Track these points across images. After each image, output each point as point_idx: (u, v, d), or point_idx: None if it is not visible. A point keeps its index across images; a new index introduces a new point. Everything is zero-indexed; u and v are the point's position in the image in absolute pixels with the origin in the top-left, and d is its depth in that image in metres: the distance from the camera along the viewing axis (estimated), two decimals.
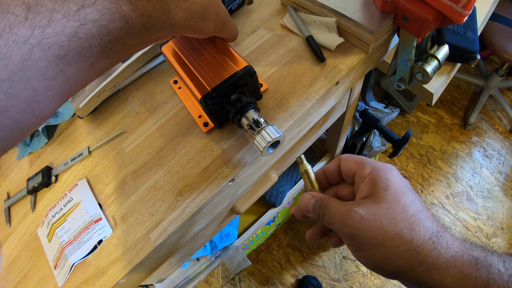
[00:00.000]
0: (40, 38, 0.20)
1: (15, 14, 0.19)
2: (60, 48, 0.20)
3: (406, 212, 0.26)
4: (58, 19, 0.20)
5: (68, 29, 0.20)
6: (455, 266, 0.24)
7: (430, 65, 0.46)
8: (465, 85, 1.68)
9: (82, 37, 0.21)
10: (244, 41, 0.50)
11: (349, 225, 0.26)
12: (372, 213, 0.26)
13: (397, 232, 0.25)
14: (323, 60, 0.45)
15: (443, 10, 0.37)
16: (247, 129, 0.35)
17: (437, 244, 0.25)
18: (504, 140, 1.49)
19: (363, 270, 1.29)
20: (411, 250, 0.24)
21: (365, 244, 0.26)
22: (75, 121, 0.52)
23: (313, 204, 0.30)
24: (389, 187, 0.27)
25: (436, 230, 0.25)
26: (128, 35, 0.24)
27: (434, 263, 0.24)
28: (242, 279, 1.35)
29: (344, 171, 0.31)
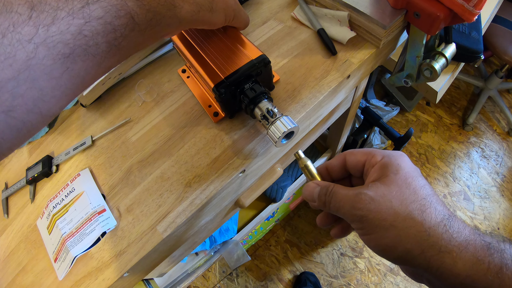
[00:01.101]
0: (44, 36, 0.19)
1: (19, 13, 0.19)
2: (65, 46, 0.20)
3: (416, 195, 0.25)
4: (63, 17, 0.20)
5: (73, 27, 0.20)
6: (467, 250, 0.23)
7: (438, 63, 0.47)
8: (464, 85, 1.68)
9: (87, 35, 0.21)
10: (254, 32, 0.49)
11: (359, 207, 0.25)
12: (382, 194, 0.25)
13: (408, 213, 0.24)
14: (335, 53, 0.44)
15: (454, 8, 0.37)
16: (260, 119, 0.34)
17: (449, 227, 0.24)
18: (502, 141, 1.50)
19: (361, 267, 1.30)
20: (422, 232, 0.24)
21: (375, 226, 0.25)
22: (77, 110, 0.51)
23: (318, 191, 0.29)
24: (399, 171, 0.26)
25: (447, 214, 0.25)
26: (134, 31, 0.23)
27: (446, 246, 0.23)
28: (239, 275, 1.35)
29: (351, 164, 0.30)
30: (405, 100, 1.58)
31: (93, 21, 0.21)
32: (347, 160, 0.31)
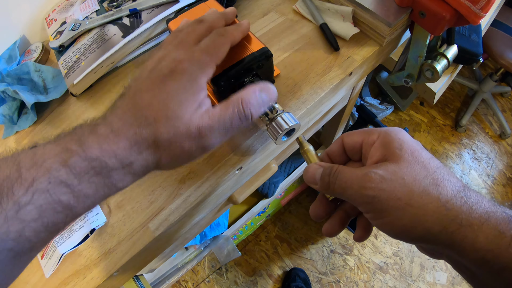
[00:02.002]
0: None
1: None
2: (9, 251, 0.20)
3: (427, 169, 0.24)
4: (0, 225, 0.20)
5: (13, 234, 0.20)
6: (488, 222, 0.21)
7: (439, 64, 0.46)
8: (458, 87, 1.70)
9: (29, 236, 0.21)
10: (254, 23, 0.47)
11: (369, 187, 0.23)
12: (393, 172, 0.23)
13: (422, 189, 0.23)
14: (338, 49, 0.43)
15: (460, 9, 0.36)
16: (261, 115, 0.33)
17: (467, 199, 0.22)
18: (493, 144, 1.52)
19: (350, 264, 1.30)
20: (441, 207, 0.22)
21: (389, 208, 0.23)
22: (67, 99, 0.48)
23: (321, 172, 0.27)
24: (403, 145, 0.25)
25: (462, 185, 0.23)
26: (75, 216, 0.23)
27: (467, 219, 0.22)
28: (228, 269, 1.35)
29: (349, 146, 0.29)
30: (399, 99, 1.59)
31: (31, 223, 0.21)
32: (345, 143, 0.29)
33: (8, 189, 0.20)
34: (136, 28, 0.45)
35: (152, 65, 0.27)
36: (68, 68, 0.46)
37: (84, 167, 0.22)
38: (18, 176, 0.21)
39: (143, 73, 0.27)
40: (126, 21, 0.46)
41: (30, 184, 0.21)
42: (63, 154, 0.22)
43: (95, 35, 0.47)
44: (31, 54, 0.55)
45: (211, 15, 0.30)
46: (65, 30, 0.49)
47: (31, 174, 0.21)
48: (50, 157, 0.22)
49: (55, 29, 0.51)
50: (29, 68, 0.50)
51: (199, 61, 0.26)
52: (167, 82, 0.25)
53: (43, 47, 0.56)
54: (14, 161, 0.21)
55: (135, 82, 0.26)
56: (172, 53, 0.27)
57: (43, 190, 0.21)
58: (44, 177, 0.21)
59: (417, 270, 1.27)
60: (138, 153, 0.24)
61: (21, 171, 0.21)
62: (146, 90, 0.25)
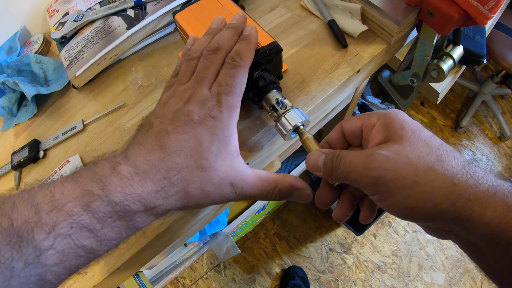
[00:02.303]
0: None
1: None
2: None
3: (430, 147, 0.23)
4: (21, 269, 0.19)
5: (33, 277, 0.20)
6: (496, 196, 0.21)
7: (446, 64, 0.46)
8: (459, 88, 1.70)
9: (50, 279, 0.20)
10: (261, 18, 0.46)
11: (374, 168, 0.23)
12: (396, 151, 0.23)
13: (427, 166, 0.22)
14: (346, 46, 0.43)
15: (469, 10, 0.36)
16: (269, 110, 0.32)
17: (473, 173, 0.22)
18: (493, 145, 1.52)
19: (349, 263, 1.30)
20: (447, 182, 0.22)
21: (395, 187, 0.22)
22: (69, 91, 0.47)
23: (323, 158, 0.27)
24: (404, 125, 0.24)
25: (466, 160, 0.23)
26: (97, 258, 0.23)
27: (474, 193, 0.21)
28: (227, 266, 1.34)
29: (349, 131, 0.28)
30: (400, 99, 1.58)
31: (52, 267, 0.20)
32: (344, 129, 0.29)
33: (28, 233, 0.20)
34: (141, 20, 0.44)
35: (176, 104, 0.26)
36: (70, 59, 0.45)
37: (107, 212, 0.22)
38: (37, 220, 0.20)
39: (167, 112, 0.26)
40: (130, 12, 0.46)
41: (51, 229, 0.20)
42: (84, 197, 0.21)
43: (98, 26, 0.46)
44: (31, 46, 0.54)
45: (225, 37, 0.29)
46: (68, 21, 0.48)
47: (52, 218, 0.20)
48: (71, 200, 0.21)
49: (57, 20, 0.50)
50: (30, 59, 0.49)
51: (228, 105, 0.26)
52: (197, 129, 0.25)
53: (44, 39, 0.55)
54: (32, 202, 0.21)
55: (159, 120, 0.26)
56: (196, 94, 0.27)
57: (65, 235, 0.20)
58: (66, 222, 0.20)
59: (415, 270, 1.27)
60: (165, 198, 0.24)
61: (40, 214, 0.20)
62: (174, 133, 0.25)
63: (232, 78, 0.27)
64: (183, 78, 0.29)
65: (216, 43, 0.29)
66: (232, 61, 0.27)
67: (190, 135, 0.25)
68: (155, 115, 0.27)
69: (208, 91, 0.27)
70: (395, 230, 1.35)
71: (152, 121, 0.26)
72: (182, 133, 0.25)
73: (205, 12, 0.37)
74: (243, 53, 0.28)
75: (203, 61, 0.28)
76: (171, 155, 0.24)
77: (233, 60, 0.27)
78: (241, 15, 0.31)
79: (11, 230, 0.19)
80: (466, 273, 1.25)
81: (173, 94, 0.28)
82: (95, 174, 0.23)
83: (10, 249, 0.19)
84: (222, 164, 0.25)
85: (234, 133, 0.27)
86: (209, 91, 0.27)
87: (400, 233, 1.35)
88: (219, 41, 0.29)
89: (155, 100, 0.42)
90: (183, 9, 0.38)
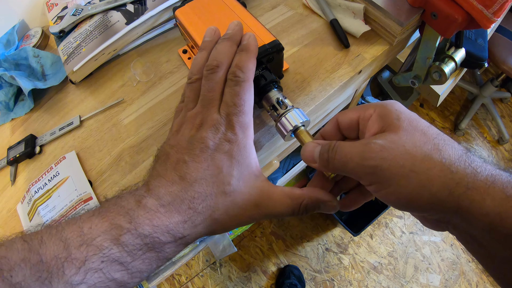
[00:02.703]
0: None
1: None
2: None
3: (427, 136, 0.23)
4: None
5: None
6: (494, 185, 0.20)
7: (447, 66, 0.46)
8: (459, 91, 1.70)
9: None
10: (263, 16, 0.46)
11: (371, 157, 0.23)
12: (392, 140, 0.23)
13: (425, 154, 0.22)
14: (348, 47, 0.42)
15: (473, 13, 0.36)
16: (269, 109, 0.32)
17: (471, 162, 0.21)
18: (491, 149, 1.53)
19: (345, 263, 1.31)
20: (445, 170, 0.21)
21: (392, 176, 0.22)
22: (66, 86, 0.47)
23: (319, 150, 0.26)
24: (401, 116, 0.24)
25: (464, 149, 0.23)
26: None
27: (473, 182, 0.21)
28: (223, 264, 1.34)
29: (345, 124, 0.28)
30: (399, 100, 1.58)
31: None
32: (340, 121, 0.28)
33: (58, 269, 0.20)
34: (140, 15, 0.44)
35: (188, 131, 0.26)
36: (68, 54, 0.45)
37: (136, 244, 0.22)
38: (67, 255, 0.20)
39: (181, 140, 0.26)
40: (130, 7, 0.45)
41: (82, 263, 0.20)
42: (113, 231, 0.22)
43: (97, 21, 0.45)
44: (30, 39, 0.53)
45: (222, 51, 0.28)
46: (66, 15, 0.47)
47: (82, 253, 0.20)
48: (99, 234, 0.21)
49: (56, 14, 0.50)
50: (28, 53, 0.48)
51: (241, 126, 0.26)
52: (215, 155, 0.25)
53: (43, 32, 0.54)
54: (61, 238, 0.21)
55: (174, 149, 0.26)
56: (206, 118, 0.26)
57: (96, 269, 0.20)
58: (96, 256, 0.21)
59: (411, 271, 1.28)
60: (192, 227, 0.24)
61: (70, 249, 0.20)
62: (192, 162, 0.25)
63: (238, 97, 0.26)
64: (189, 103, 0.28)
65: (214, 60, 0.28)
66: (234, 77, 0.27)
67: (209, 162, 0.25)
68: (170, 144, 0.27)
69: (218, 114, 0.26)
70: (392, 231, 1.36)
71: (168, 151, 0.26)
72: (200, 162, 0.25)
73: (206, 8, 0.36)
74: (244, 65, 0.27)
75: (205, 83, 0.28)
76: (192, 185, 0.24)
77: (235, 76, 0.27)
78: (236, 23, 0.30)
79: (40, 266, 0.19)
80: (462, 276, 1.26)
81: (183, 120, 0.28)
82: (121, 208, 0.23)
83: (40, 285, 0.19)
84: (245, 186, 0.25)
85: (252, 152, 0.27)
86: (219, 114, 0.26)
87: (397, 234, 1.35)
88: (217, 57, 0.28)
89: (154, 97, 0.41)
90: (184, 5, 0.37)
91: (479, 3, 0.35)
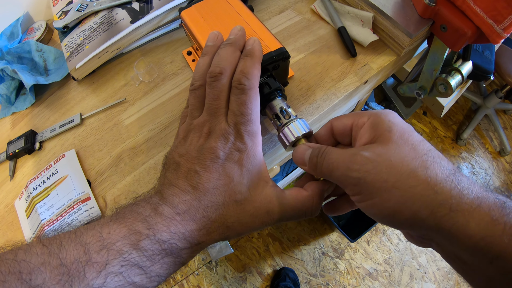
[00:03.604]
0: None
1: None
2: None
3: (416, 151, 0.22)
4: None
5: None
6: (480, 208, 0.20)
7: (454, 79, 0.45)
8: (462, 100, 1.69)
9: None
10: (270, 19, 0.45)
11: (355, 169, 0.22)
12: (379, 153, 0.22)
13: (410, 171, 0.21)
14: (355, 55, 0.42)
15: (483, 27, 0.35)
16: (272, 118, 0.31)
17: (457, 183, 0.21)
18: (492, 160, 1.52)
19: (341, 268, 1.30)
20: (429, 190, 0.21)
21: (375, 189, 0.22)
22: (68, 83, 0.46)
23: (309, 153, 0.27)
24: (392, 127, 0.24)
25: (453, 169, 0.22)
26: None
27: (457, 204, 0.20)
28: (218, 264, 1.34)
29: (339, 129, 0.28)
30: (403, 107, 1.57)
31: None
32: (334, 126, 0.28)
33: (79, 272, 0.20)
34: (146, 14, 0.43)
35: (197, 140, 0.27)
36: (71, 50, 0.44)
37: (155, 250, 0.22)
38: (88, 259, 0.21)
39: (190, 149, 0.27)
40: (136, 5, 0.44)
41: (102, 267, 0.21)
42: (132, 236, 0.22)
43: (102, 18, 0.45)
44: (33, 33, 0.53)
45: (225, 56, 0.28)
46: (71, 10, 0.46)
47: (102, 257, 0.21)
48: (119, 239, 0.22)
49: (61, 8, 0.49)
50: (31, 47, 0.48)
51: (249, 134, 0.26)
52: (225, 165, 0.26)
53: (47, 26, 0.54)
54: (80, 242, 0.21)
55: (184, 158, 0.26)
56: (214, 127, 0.26)
57: (116, 273, 0.21)
58: (117, 260, 0.21)
59: (406, 279, 1.27)
60: (207, 234, 0.25)
61: (90, 253, 0.21)
62: (203, 172, 0.25)
63: (245, 106, 0.26)
64: (194, 111, 0.28)
65: (217, 67, 0.27)
66: (239, 85, 0.26)
67: (220, 172, 0.25)
68: (179, 153, 0.27)
69: (226, 123, 0.26)
70: (389, 238, 1.35)
71: (178, 160, 0.27)
72: (211, 172, 0.25)
73: (212, 11, 0.36)
74: (249, 72, 0.27)
75: (209, 91, 0.27)
76: (206, 195, 0.25)
77: (240, 84, 0.26)
78: (239, 28, 0.30)
79: (60, 269, 0.20)
80: (457, 286, 1.25)
81: (189, 128, 0.28)
82: (138, 215, 0.24)
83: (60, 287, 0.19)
84: (256, 194, 0.26)
85: (261, 159, 0.28)
86: (227, 122, 0.26)
87: (394, 241, 1.35)
88: (220, 63, 0.27)
89: (156, 98, 0.41)
90: (190, 6, 0.37)
91: (489, 18, 0.35)
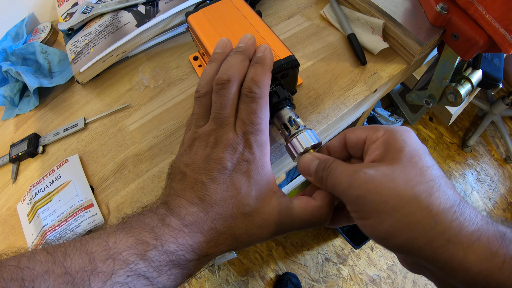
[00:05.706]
0: None
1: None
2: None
3: (423, 176, 0.21)
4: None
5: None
6: (479, 241, 0.19)
7: (463, 88, 0.44)
8: (469, 106, 1.67)
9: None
10: (278, 25, 0.44)
11: (356, 186, 0.22)
12: (383, 174, 0.22)
13: (413, 195, 0.21)
14: (364, 64, 0.41)
15: (495, 37, 0.34)
16: (280, 127, 0.30)
17: (460, 214, 0.20)
18: (498, 167, 1.50)
19: (344, 274, 1.29)
20: (428, 218, 0.20)
21: (373, 210, 0.21)
22: (72, 86, 0.46)
23: (316, 165, 0.26)
24: (404, 148, 0.23)
25: (458, 199, 0.21)
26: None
27: (456, 236, 0.20)
28: (221, 267, 1.33)
29: (352, 142, 0.27)
30: (409, 112, 1.56)
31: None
32: (348, 138, 0.27)
33: (84, 281, 0.19)
34: (152, 18, 0.42)
35: (203, 150, 0.26)
36: (75, 53, 0.44)
37: (162, 260, 0.22)
38: (93, 268, 0.20)
39: (196, 159, 0.26)
40: (142, 9, 0.44)
41: (108, 277, 0.20)
42: (139, 246, 0.22)
43: (107, 20, 0.44)
44: (38, 34, 0.53)
45: (234, 64, 0.27)
46: (76, 12, 0.46)
47: (108, 266, 0.20)
48: (125, 249, 0.21)
49: (66, 10, 0.49)
50: (35, 48, 0.47)
51: (258, 145, 0.26)
52: (233, 176, 0.25)
53: (52, 28, 0.53)
54: (86, 251, 0.21)
55: (190, 168, 0.26)
56: (222, 137, 0.26)
57: (122, 283, 0.20)
58: (123, 270, 0.21)
59: (409, 287, 1.26)
60: (215, 246, 0.24)
61: (96, 263, 0.20)
62: (210, 183, 0.25)
63: (255, 115, 0.25)
64: (199, 120, 0.27)
65: (225, 74, 0.26)
66: (250, 93, 0.26)
67: (227, 183, 0.25)
68: (184, 162, 0.26)
69: (234, 133, 0.26)
70: None
71: (184, 170, 0.26)
72: (218, 183, 0.25)
73: (219, 16, 0.35)
74: (260, 80, 0.26)
75: (216, 99, 0.26)
76: (213, 207, 0.24)
77: (251, 92, 0.26)
78: (249, 37, 0.29)
79: (64, 278, 0.19)
80: None
81: (195, 136, 0.27)
82: (146, 225, 0.23)
83: None
84: (264, 206, 0.25)
85: (269, 169, 0.27)
86: (235, 132, 0.26)
87: None
88: (228, 71, 0.26)
89: (161, 104, 0.40)
90: (197, 10, 0.36)
91: (502, 27, 0.34)
